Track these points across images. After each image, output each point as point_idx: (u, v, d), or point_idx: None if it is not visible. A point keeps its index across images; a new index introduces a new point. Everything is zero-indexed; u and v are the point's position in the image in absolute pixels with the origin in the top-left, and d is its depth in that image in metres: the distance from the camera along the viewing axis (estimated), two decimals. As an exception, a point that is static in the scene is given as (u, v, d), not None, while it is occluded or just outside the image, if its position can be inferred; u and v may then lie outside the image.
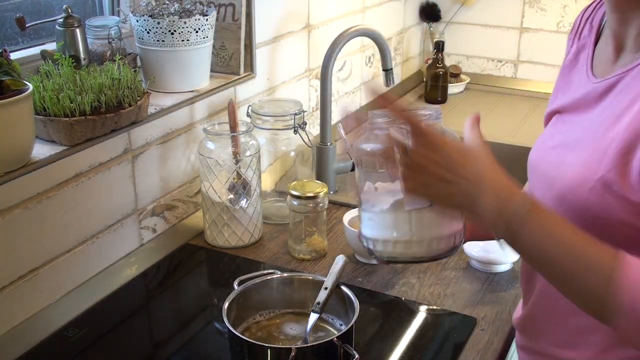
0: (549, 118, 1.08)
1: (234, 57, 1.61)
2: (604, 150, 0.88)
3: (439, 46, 2.54)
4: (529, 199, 0.84)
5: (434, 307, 1.33)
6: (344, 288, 1.17)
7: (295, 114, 1.62)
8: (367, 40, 2.26)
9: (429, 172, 0.83)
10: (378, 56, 2.03)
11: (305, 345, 1.09)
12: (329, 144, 1.80)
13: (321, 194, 1.46)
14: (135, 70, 1.36)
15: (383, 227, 0.95)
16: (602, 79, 0.95)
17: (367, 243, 0.98)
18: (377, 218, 0.95)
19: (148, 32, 1.42)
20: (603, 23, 1.02)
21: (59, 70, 1.25)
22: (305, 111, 1.68)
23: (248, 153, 1.49)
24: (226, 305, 1.13)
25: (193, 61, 1.47)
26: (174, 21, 1.40)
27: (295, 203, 1.47)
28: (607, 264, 0.80)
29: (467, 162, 0.84)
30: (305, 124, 1.65)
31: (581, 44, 1.04)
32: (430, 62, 2.60)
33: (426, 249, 0.94)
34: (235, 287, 1.19)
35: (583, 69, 1.01)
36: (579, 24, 1.07)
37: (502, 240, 0.88)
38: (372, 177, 0.95)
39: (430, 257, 0.95)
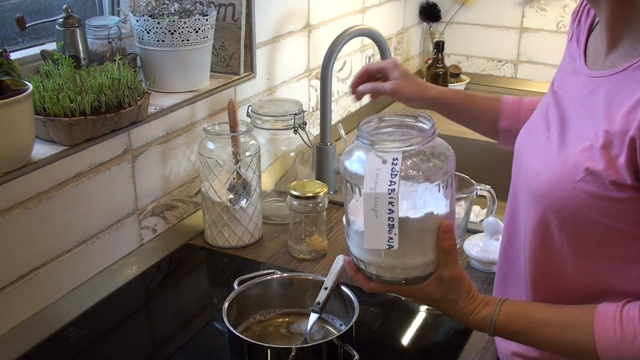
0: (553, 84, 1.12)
1: (234, 57, 1.61)
2: (588, 149, 0.89)
3: (439, 46, 2.54)
4: (495, 320, 0.96)
5: (434, 307, 1.33)
6: (344, 288, 1.17)
7: (295, 114, 1.62)
8: (367, 40, 2.26)
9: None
10: (378, 56, 2.03)
11: (305, 345, 1.09)
12: (329, 144, 1.80)
13: (321, 194, 1.46)
14: (135, 70, 1.36)
15: (359, 246, 0.96)
16: (592, 74, 0.96)
17: (352, 257, 0.99)
18: (354, 236, 0.96)
19: (148, 32, 1.42)
20: None
21: (59, 70, 1.25)
22: (305, 111, 1.68)
23: (248, 153, 1.49)
24: (226, 305, 1.13)
25: (193, 61, 1.47)
26: (174, 21, 1.40)
27: (295, 203, 1.47)
28: (585, 344, 0.90)
29: (441, 303, 0.99)
30: (305, 124, 1.65)
31: (579, 31, 1.05)
32: (430, 62, 2.60)
33: (397, 276, 0.95)
34: (235, 287, 1.19)
35: (576, 58, 1.02)
36: (579, 9, 1.08)
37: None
38: (352, 194, 0.95)
39: (400, 282, 0.96)
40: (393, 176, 0.87)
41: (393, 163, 0.88)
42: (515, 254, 1.06)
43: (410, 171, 0.90)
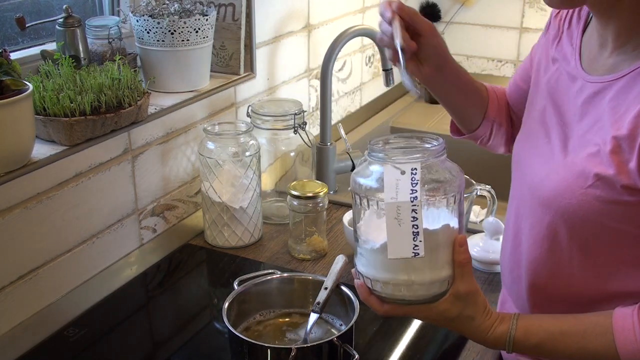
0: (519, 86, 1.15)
1: (234, 57, 1.61)
2: (595, 154, 0.89)
3: (439, 46, 2.53)
4: (514, 336, 0.94)
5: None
6: (344, 288, 1.17)
7: (295, 114, 1.62)
8: (367, 40, 2.26)
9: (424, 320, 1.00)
10: (378, 56, 2.03)
11: (305, 345, 1.09)
12: (329, 144, 1.80)
13: (321, 194, 1.46)
14: (135, 70, 1.36)
15: (373, 266, 0.94)
16: (591, 79, 0.95)
17: (359, 277, 0.97)
18: (368, 255, 0.95)
19: (148, 32, 1.42)
20: (591, 15, 1.02)
21: (59, 70, 1.25)
22: (305, 111, 1.68)
23: (248, 153, 1.49)
24: (226, 305, 1.13)
25: (193, 61, 1.47)
26: (174, 21, 1.40)
27: (295, 203, 1.47)
28: (607, 351, 0.89)
29: (457, 321, 0.96)
30: (305, 124, 1.65)
31: (570, 33, 1.04)
32: (430, 62, 2.60)
33: (415, 293, 0.93)
34: (235, 287, 1.19)
35: (571, 61, 1.01)
36: (568, 10, 1.06)
37: None
38: (366, 211, 0.94)
39: (419, 300, 0.94)
40: (414, 185, 0.88)
41: (412, 173, 0.88)
42: (522, 261, 1.05)
43: (426, 184, 0.90)
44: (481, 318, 0.95)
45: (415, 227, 0.88)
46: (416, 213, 0.87)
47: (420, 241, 0.88)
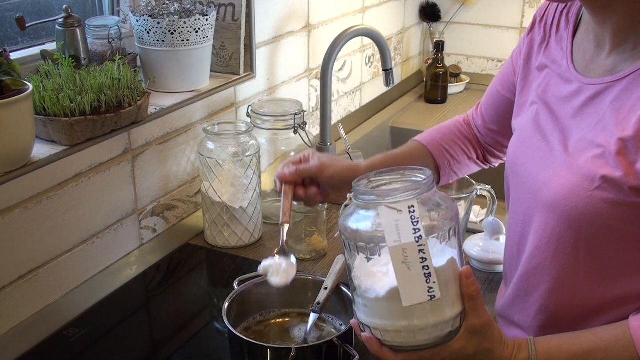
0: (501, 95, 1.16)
1: (234, 57, 1.61)
2: (600, 156, 0.88)
3: (439, 46, 2.54)
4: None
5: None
6: (344, 288, 1.17)
7: (295, 114, 1.62)
8: (367, 40, 2.26)
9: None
10: (378, 56, 2.03)
11: (305, 345, 1.09)
12: (329, 144, 1.80)
13: (321, 194, 1.46)
14: (135, 70, 1.36)
15: (381, 315, 0.88)
16: (589, 82, 0.94)
17: (365, 329, 0.91)
18: (373, 305, 0.89)
19: (148, 32, 1.42)
20: (580, 16, 1.01)
21: (59, 70, 1.25)
22: (305, 111, 1.68)
23: (248, 153, 1.49)
24: (226, 305, 1.13)
25: (193, 61, 1.47)
26: (174, 21, 1.40)
27: (295, 203, 1.46)
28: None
29: (476, 357, 0.91)
30: (305, 124, 1.65)
31: (559, 37, 1.04)
32: (430, 62, 2.60)
33: (429, 336, 0.88)
34: (235, 287, 1.19)
35: (562, 64, 1.00)
36: (554, 15, 1.06)
37: None
38: (361, 257, 0.88)
39: (434, 343, 0.88)
40: (415, 223, 0.83)
41: (410, 211, 0.83)
42: (525, 268, 1.03)
43: (423, 221, 0.85)
44: (500, 349, 0.92)
45: (426, 267, 0.83)
46: (424, 253, 0.82)
47: (434, 282, 0.83)
